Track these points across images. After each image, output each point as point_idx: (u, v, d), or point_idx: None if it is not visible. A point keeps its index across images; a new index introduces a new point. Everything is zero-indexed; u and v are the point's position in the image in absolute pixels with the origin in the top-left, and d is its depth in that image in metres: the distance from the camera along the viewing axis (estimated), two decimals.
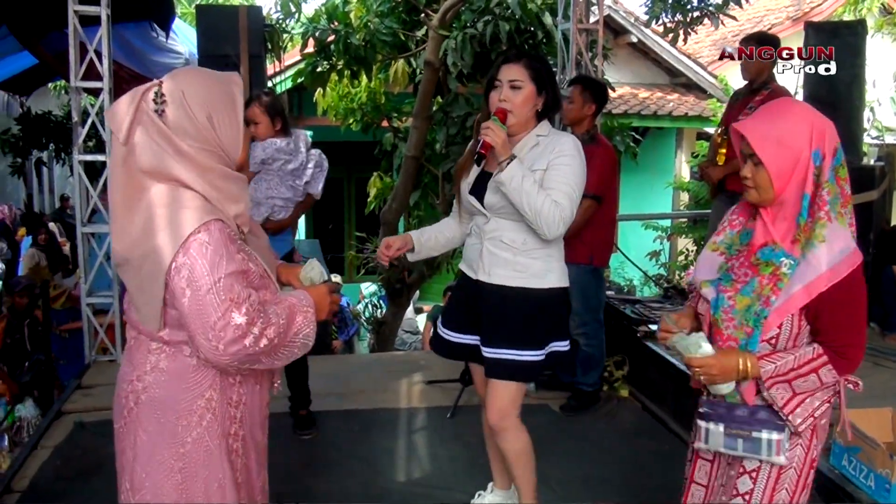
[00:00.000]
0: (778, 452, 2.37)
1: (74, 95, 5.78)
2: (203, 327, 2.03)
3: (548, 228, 3.08)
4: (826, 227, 2.27)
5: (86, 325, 5.89)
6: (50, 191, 18.27)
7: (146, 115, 2.09)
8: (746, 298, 2.37)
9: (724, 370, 2.35)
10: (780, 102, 2.49)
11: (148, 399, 2.22)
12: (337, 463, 4.47)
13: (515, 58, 3.25)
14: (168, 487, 2.23)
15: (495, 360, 3.28)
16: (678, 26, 8.16)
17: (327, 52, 8.62)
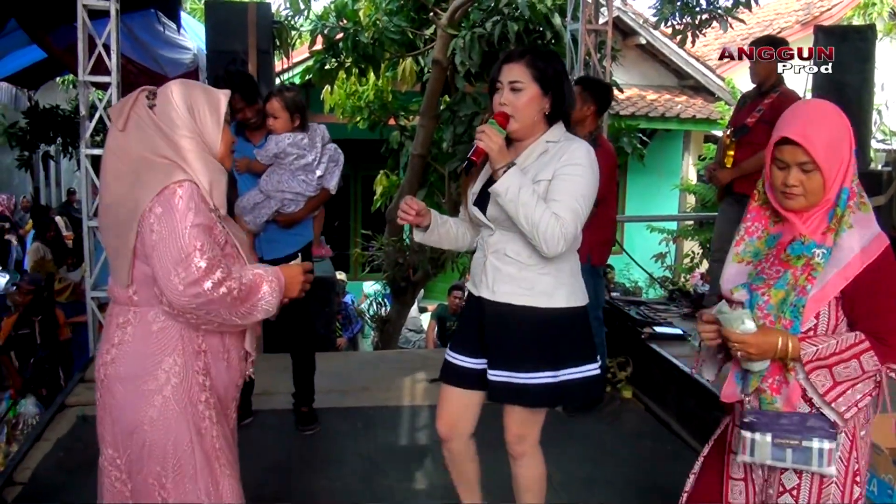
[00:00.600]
0: (829, 463, 2.26)
1: (82, 89, 5.79)
2: (166, 267, 2.22)
3: (546, 245, 2.79)
4: (853, 216, 2.26)
5: (90, 318, 5.89)
6: (57, 184, 18.32)
7: (140, 107, 2.40)
8: (781, 291, 2.32)
9: (762, 348, 2.25)
10: (814, 105, 2.43)
11: (115, 370, 2.41)
12: (339, 460, 4.46)
13: (518, 56, 2.94)
14: (142, 451, 2.40)
15: (499, 384, 3.01)
16: (686, 28, 8.15)
17: (336, 50, 8.63)
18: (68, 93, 14.04)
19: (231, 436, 2.60)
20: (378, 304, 12.01)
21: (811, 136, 2.25)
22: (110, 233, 2.43)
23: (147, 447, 2.38)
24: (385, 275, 10.19)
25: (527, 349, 2.98)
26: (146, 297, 2.38)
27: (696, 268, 11.76)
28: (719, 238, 6.18)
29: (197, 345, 2.43)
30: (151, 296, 2.36)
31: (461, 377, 3.18)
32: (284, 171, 4.48)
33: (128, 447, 2.40)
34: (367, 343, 11.76)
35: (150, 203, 2.26)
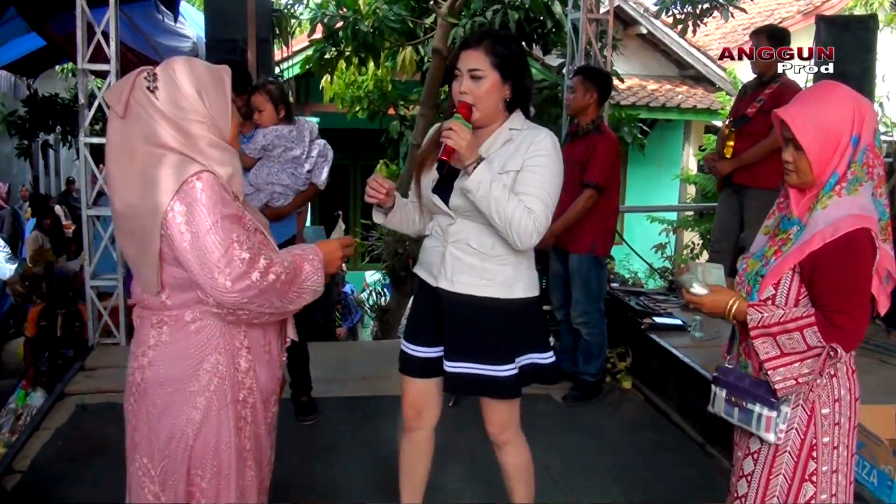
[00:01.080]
0: (768, 429, 2.39)
1: (81, 78, 5.78)
2: (208, 266, 2.09)
3: (520, 239, 2.77)
4: (833, 198, 2.32)
5: (89, 307, 5.89)
6: (56, 173, 18.29)
7: (140, 91, 2.20)
8: (756, 262, 2.49)
9: (713, 307, 2.44)
10: (822, 87, 2.46)
11: (153, 373, 2.28)
12: (339, 449, 4.47)
13: (476, 42, 2.86)
14: (185, 454, 2.30)
15: (457, 375, 2.99)
16: (687, 18, 8.14)
17: (335, 39, 8.60)
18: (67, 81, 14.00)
19: (267, 432, 2.54)
20: (378, 293, 12.00)
21: (798, 115, 2.34)
22: (129, 240, 2.26)
23: (190, 450, 2.30)
24: (385, 264, 10.18)
25: (488, 340, 2.96)
26: (181, 300, 2.26)
27: (695, 258, 11.74)
28: (719, 228, 6.18)
29: (239, 341, 2.33)
30: (187, 298, 2.25)
31: (420, 367, 3.14)
32: (274, 164, 4.46)
33: (166, 453, 2.30)
34: (366, 333, 11.75)
35: (170, 204, 2.11)
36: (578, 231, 5.09)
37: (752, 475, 2.50)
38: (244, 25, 6.63)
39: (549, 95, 8.66)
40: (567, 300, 5.31)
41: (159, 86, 2.20)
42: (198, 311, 2.27)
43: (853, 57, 6.75)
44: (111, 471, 4.07)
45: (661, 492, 4.10)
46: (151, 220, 2.14)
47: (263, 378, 2.43)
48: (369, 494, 4.01)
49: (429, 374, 3.14)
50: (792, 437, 2.41)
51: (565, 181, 5.04)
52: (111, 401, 4.86)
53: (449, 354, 3.01)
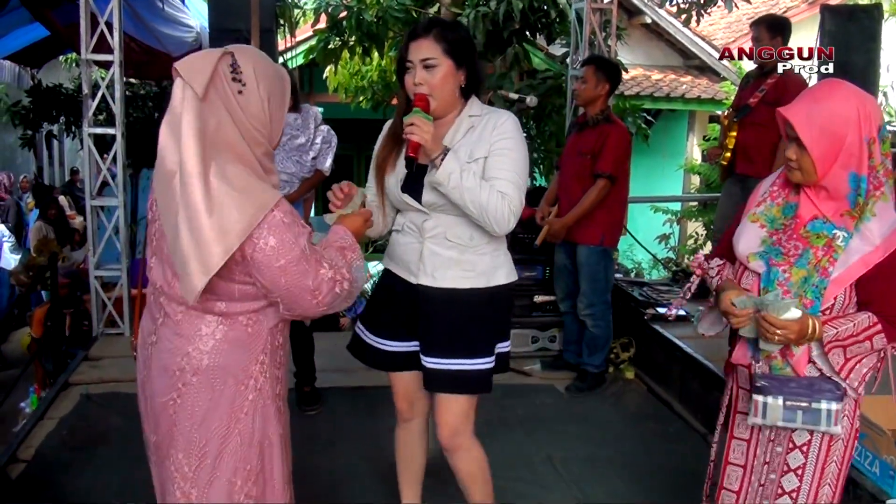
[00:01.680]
0: (836, 422, 2.40)
1: (85, 68, 5.78)
2: (305, 292, 2.16)
3: (497, 224, 2.74)
4: (877, 204, 2.35)
5: (94, 298, 5.90)
6: (60, 164, 18.29)
7: (223, 82, 2.16)
8: (802, 270, 2.41)
9: (800, 334, 2.35)
10: (826, 85, 2.46)
11: (207, 369, 2.26)
12: (341, 439, 4.48)
13: (424, 31, 2.79)
14: (228, 451, 2.29)
15: (440, 372, 2.92)
16: (691, 7, 8.12)
17: (339, 29, 8.58)
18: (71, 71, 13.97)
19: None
20: None
21: (802, 114, 2.35)
22: (184, 243, 2.10)
23: (233, 447, 2.29)
24: None
25: (470, 333, 2.92)
26: (239, 309, 2.25)
27: (699, 249, 11.72)
28: (721, 218, 6.18)
29: (278, 340, 2.39)
30: (249, 307, 2.26)
31: (391, 361, 3.11)
32: (279, 152, 4.44)
33: (206, 451, 2.28)
34: None
35: (254, 236, 2.08)
36: (588, 222, 5.08)
37: (804, 468, 2.51)
38: (247, 15, 6.60)
39: (553, 85, 8.62)
40: (572, 291, 5.32)
41: (242, 82, 2.17)
42: (253, 315, 2.29)
43: (858, 47, 6.72)
44: (115, 460, 4.12)
45: (663, 482, 4.10)
46: (222, 242, 2.06)
47: (286, 368, 2.49)
48: (371, 485, 4.02)
49: (402, 367, 3.11)
50: (845, 425, 2.46)
51: (575, 171, 5.11)
52: (116, 391, 4.88)
53: (427, 350, 2.95)
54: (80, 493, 3.87)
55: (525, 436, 4.47)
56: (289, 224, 2.14)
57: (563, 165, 5.37)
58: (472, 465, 3.12)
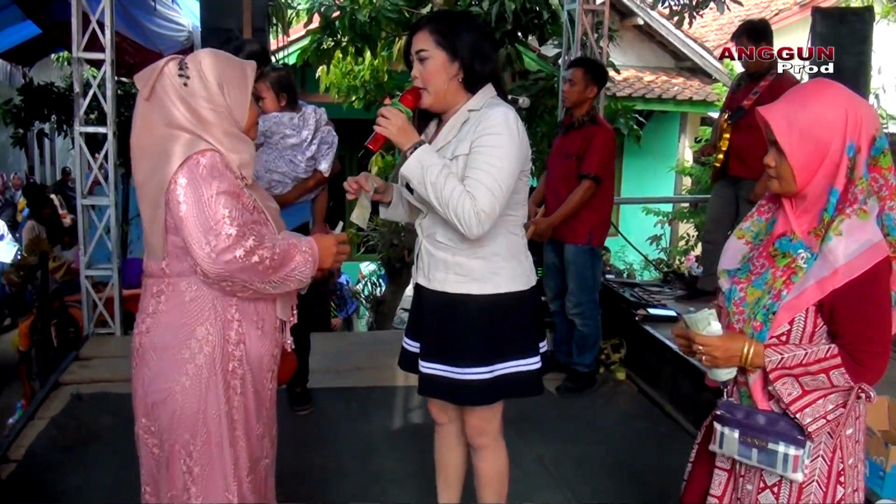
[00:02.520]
0: (795, 469, 2.16)
1: (76, 66, 5.77)
2: (197, 235, 2.25)
3: (462, 227, 2.58)
4: (845, 222, 2.06)
5: (85, 297, 5.89)
6: (51, 162, 18.27)
7: (167, 78, 2.38)
8: (758, 291, 2.21)
9: (727, 353, 2.18)
10: (812, 85, 2.22)
11: (149, 339, 2.45)
12: (333, 440, 4.48)
13: (422, 24, 2.75)
14: (174, 416, 2.43)
15: (428, 377, 2.86)
16: (683, 9, 8.13)
17: (332, 29, 8.58)
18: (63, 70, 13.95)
19: (263, 406, 2.61)
20: (373, 284, 12.02)
21: (783, 116, 2.14)
22: (144, 209, 2.43)
23: (177, 415, 2.41)
24: (380, 255, 10.19)
25: (462, 341, 2.79)
26: (178, 269, 2.40)
27: (690, 250, 11.76)
28: (712, 220, 6.20)
29: (230, 314, 2.45)
30: (184, 267, 2.39)
31: (409, 361, 3.04)
32: (272, 151, 4.41)
33: (158, 416, 2.44)
34: (361, 323, 11.77)
35: (174, 175, 2.29)
36: (575, 222, 5.10)
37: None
38: (239, 14, 6.61)
39: (546, 86, 8.64)
40: (561, 291, 5.32)
41: (187, 75, 2.38)
42: (193, 281, 2.40)
43: (849, 49, 6.75)
44: (106, 459, 4.11)
45: (654, 482, 4.10)
46: (158, 190, 2.32)
47: (255, 351, 2.53)
48: (362, 485, 4.01)
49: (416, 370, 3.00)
50: (819, 466, 2.20)
51: (561, 172, 5.12)
52: (106, 390, 4.87)
53: (423, 353, 2.90)
54: (71, 493, 3.86)
55: (516, 436, 4.44)
56: (207, 170, 2.30)
57: (550, 167, 5.40)
58: (493, 465, 3.07)
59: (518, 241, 2.88)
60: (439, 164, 2.61)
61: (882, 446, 3.48)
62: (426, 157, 2.62)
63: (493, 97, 2.78)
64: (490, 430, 3.00)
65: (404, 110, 2.70)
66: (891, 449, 3.45)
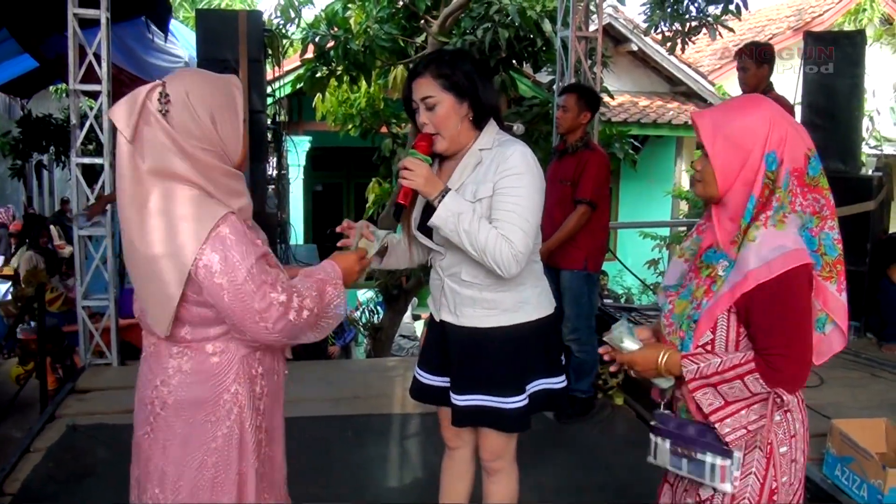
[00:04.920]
0: (723, 479, 2.20)
1: (73, 98, 5.79)
2: (249, 314, 2.10)
3: (499, 269, 2.62)
4: (759, 230, 2.12)
5: (81, 328, 5.89)
6: (50, 193, 18.30)
7: (151, 115, 2.11)
8: (684, 302, 2.29)
9: (645, 364, 2.30)
10: (746, 97, 2.35)
11: (175, 402, 2.25)
12: (329, 468, 4.45)
13: (423, 69, 2.74)
14: (203, 484, 2.27)
15: (465, 408, 2.87)
16: (676, 35, 8.19)
17: (326, 58, 8.64)
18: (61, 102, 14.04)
19: (278, 450, 2.54)
20: (371, 311, 12.01)
21: (710, 120, 2.21)
22: (144, 282, 2.18)
23: (209, 480, 2.27)
24: (377, 283, 10.18)
25: (496, 371, 2.83)
26: (203, 335, 2.24)
27: None
28: None
29: (254, 369, 2.33)
30: (211, 333, 2.23)
31: (428, 394, 3.08)
32: None
33: (180, 485, 2.26)
34: (359, 351, 11.76)
35: (199, 253, 2.07)
36: (571, 247, 5.10)
37: None
38: (235, 45, 6.66)
39: (540, 113, 8.69)
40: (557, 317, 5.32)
41: (171, 110, 2.11)
42: (219, 342, 2.25)
43: (841, 72, 6.83)
44: (101, 492, 4.08)
45: None
46: (176, 265, 2.10)
47: (273, 400, 2.44)
48: None
49: (439, 401, 3.05)
50: (751, 483, 2.22)
51: (557, 198, 5.13)
52: (103, 422, 4.85)
53: (456, 388, 2.91)
54: None
55: None
56: (235, 241, 2.10)
57: (546, 193, 5.39)
58: (506, 489, 3.09)
59: (539, 267, 2.96)
60: (469, 210, 2.62)
61: (880, 469, 3.47)
62: (456, 204, 2.62)
63: (499, 133, 2.81)
64: (507, 454, 3.04)
65: (424, 158, 2.70)
66: (888, 472, 3.44)
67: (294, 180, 10.63)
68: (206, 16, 7.20)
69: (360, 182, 13.47)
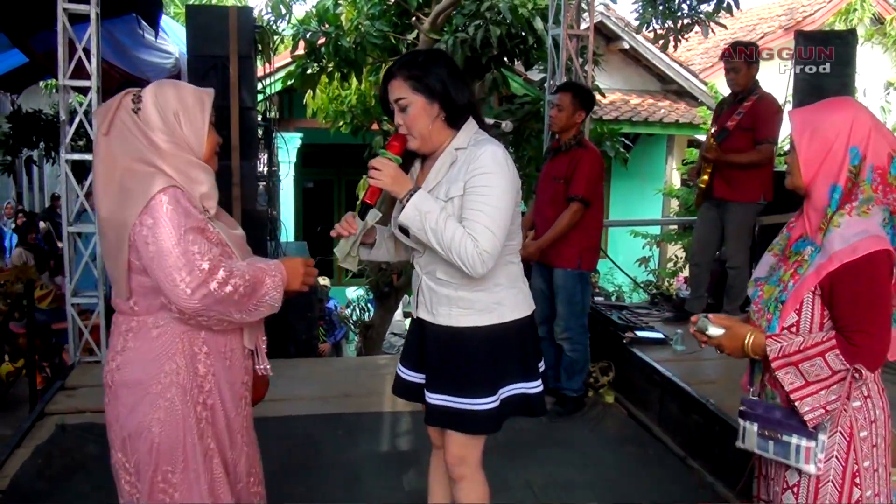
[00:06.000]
0: (807, 461, 2.32)
1: (63, 94, 5.75)
2: (170, 274, 2.28)
3: (467, 267, 2.62)
4: (844, 217, 2.28)
5: (70, 325, 5.85)
6: (40, 189, 18.22)
7: (124, 111, 2.43)
8: (772, 287, 2.44)
9: (732, 346, 2.44)
10: (836, 99, 2.46)
11: (121, 376, 2.49)
12: (319, 467, 4.44)
13: (395, 71, 2.76)
14: (152, 448, 2.47)
15: (435, 408, 2.87)
16: (668, 33, 8.19)
17: (317, 55, 8.61)
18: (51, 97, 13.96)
19: (237, 433, 2.66)
20: (361, 309, 12.00)
21: (801, 116, 2.40)
22: (106, 247, 2.48)
23: (155, 448, 2.46)
24: (368, 280, 10.17)
25: (468, 372, 2.82)
26: (146, 306, 2.45)
27: (679, 272, 11.80)
28: (698, 243, 6.23)
29: (198, 347, 2.50)
30: (152, 305, 2.44)
31: (407, 390, 3.09)
32: None
33: (136, 450, 2.48)
34: (350, 349, 11.75)
35: (138, 217, 2.31)
36: (564, 246, 5.10)
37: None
38: (226, 41, 6.62)
39: (532, 110, 8.68)
40: (549, 316, 5.31)
41: (143, 107, 2.42)
42: (160, 317, 2.46)
43: (832, 71, 6.84)
44: (92, 488, 4.08)
45: None
46: (122, 231, 2.35)
47: (224, 382, 2.58)
48: None
49: (416, 398, 3.04)
50: (833, 466, 2.34)
51: (549, 196, 5.13)
52: (92, 420, 4.82)
53: (429, 385, 2.92)
54: None
55: (504, 461, 4.45)
56: (171, 210, 2.31)
57: (539, 191, 5.40)
58: (471, 497, 3.03)
59: (516, 268, 2.94)
60: (437, 209, 2.64)
61: None
62: (423, 203, 2.65)
63: (477, 132, 2.82)
64: (470, 460, 2.98)
65: (394, 158, 2.72)
66: None
67: (285, 177, 10.60)
68: (196, 12, 7.13)
69: (350, 179, 13.45)
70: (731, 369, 2.74)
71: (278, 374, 5.72)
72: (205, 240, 2.36)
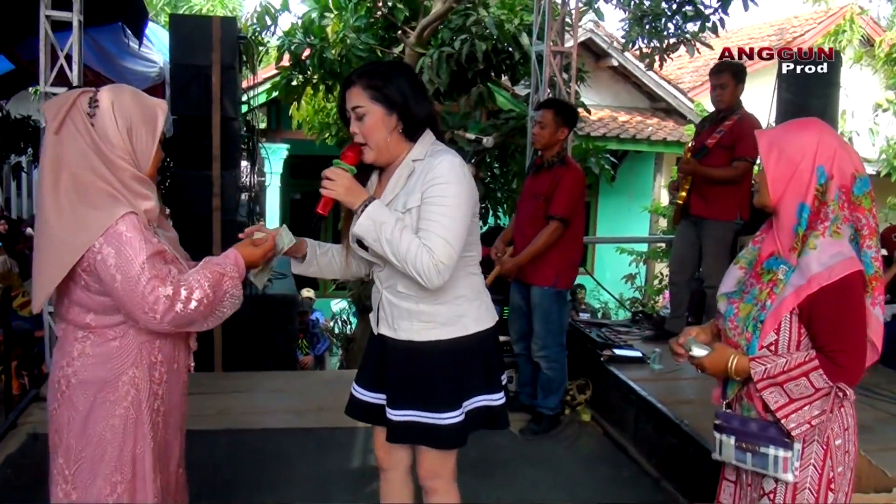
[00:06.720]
0: (785, 470, 2.41)
1: (44, 100, 5.74)
2: (139, 305, 2.32)
3: (423, 279, 2.58)
4: (819, 238, 2.35)
5: (47, 333, 5.80)
6: (28, 195, 18.17)
7: (79, 114, 2.40)
8: (749, 306, 2.49)
9: (714, 367, 2.52)
10: (802, 120, 2.51)
11: (77, 381, 2.48)
12: (288, 482, 4.40)
13: (355, 80, 2.71)
14: (102, 456, 2.49)
15: (399, 424, 2.82)
16: (654, 52, 8.20)
17: (302, 66, 8.60)
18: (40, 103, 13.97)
19: (174, 437, 2.73)
20: (343, 322, 11.95)
21: (766, 136, 2.48)
22: (50, 260, 2.39)
23: (108, 455, 2.48)
24: (350, 293, 10.13)
25: (432, 386, 2.78)
26: (105, 322, 2.47)
27: (664, 289, 11.81)
28: (676, 262, 6.22)
29: (154, 356, 2.55)
30: (112, 321, 2.47)
31: (363, 412, 3.00)
32: None
33: (81, 456, 2.49)
34: (333, 361, 11.70)
35: (97, 244, 2.32)
36: (542, 264, 5.08)
37: None
38: (209, 51, 6.63)
39: (517, 126, 8.68)
40: (526, 333, 5.29)
41: (97, 114, 2.40)
42: (119, 329, 2.48)
43: (816, 93, 6.85)
44: None
45: None
46: (68, 252, 2.34)
47: (172, 387, 2.65)
48: None
49: (372, 419, 2.99)
50: (810, 473, 2.44)
51: (529, 214, 5.11)
52: None
53: (391, 402, 2.85)
54: None
55: (476, 479, 4.42)
56: (131, 238, 2.33)
57: (520, 207, 5.38)
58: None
59: (478, 280, 2.90)
60: (392, 220, 2.60)
61: None
62: (378, 213, 2.60)
63: (434, 143, 2.78)
64: (444, 473, 2.95)
65: (348, 168, 2.67)
66: None
67: (268, 188, 10.57)
68: (179, 21, 7.17)
69: None
70: (709, 389, 2.73)
71: (255, 387, 5.73)
72: (163, 262, 2.41)
